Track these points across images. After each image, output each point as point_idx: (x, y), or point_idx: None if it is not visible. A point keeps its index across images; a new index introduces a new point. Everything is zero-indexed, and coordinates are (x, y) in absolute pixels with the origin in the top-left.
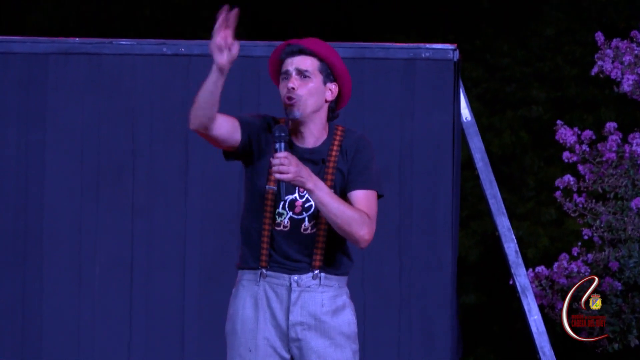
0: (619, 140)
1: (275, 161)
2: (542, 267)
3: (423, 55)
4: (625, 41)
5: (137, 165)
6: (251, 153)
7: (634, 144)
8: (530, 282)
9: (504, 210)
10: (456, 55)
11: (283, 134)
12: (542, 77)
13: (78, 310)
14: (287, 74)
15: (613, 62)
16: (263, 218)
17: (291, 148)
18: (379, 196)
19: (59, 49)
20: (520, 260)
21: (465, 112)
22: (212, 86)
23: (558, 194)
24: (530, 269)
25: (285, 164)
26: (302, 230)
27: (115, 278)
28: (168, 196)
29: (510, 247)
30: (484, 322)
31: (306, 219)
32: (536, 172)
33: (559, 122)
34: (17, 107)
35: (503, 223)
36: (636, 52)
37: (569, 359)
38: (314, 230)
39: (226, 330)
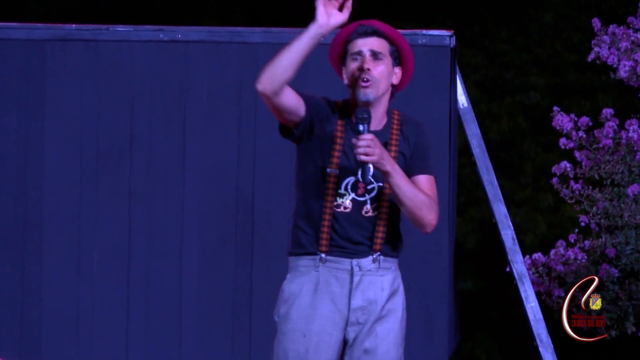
0: (616, 127)
1: (361, 143)
2: (539, 254)
3: (419, 41)
4: (622, 27)
5: (135, 152)
6: (311, 132)
7: (631, 130)
8: (527, 269)
9: (501, 197)
10: (452, 42)
11: (366, 116)
12: (541, 64)
13: (77, 297)
14: (360, 55)
15: (610, 48)
16: (324, 200)
17: (353, 131)
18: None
19: (56, 36)
20: (517, 247)
21: (462, 99)
22: (300, 49)
23: (555, 180)
24: (527, 256)
25: (371, 146)
26: (363, 212)
27: (113, 265)
28: (166, 183)
29: (507, 234)
30: (482, 308)
31: (368, 201)
32: (534, 158)
33: (555, 108)
34: (15, 94)
35: (500, 210)
36: (633, 38)
37: (566, 346)
38: (375, 213)
39: (279, 313)
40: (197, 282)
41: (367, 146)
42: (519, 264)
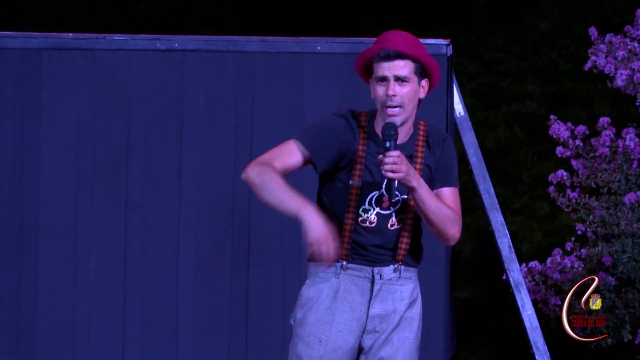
0: (613, 135)
1: (388, 160)
2: (536, 262)
3: None
4: (619, 36)
5: (131, 160)
6: (337, 162)
7: (627, 139)
8: (524, 277)
9: (497, 206)
10: (449, 50)
11: (393, 132)
12: (537, 72)
13: (73, 305)
14: (385, 80)
15: (607, 57)
16: (347, 213)
17: (376, 145)
18: None
19: (52, 45)
20: (513, 256)
21: (459, 107)
22: (280, 209)
23: (551, 189)
24: (524, 264)
25: (398, 163)
26: (389, 226)
27: (109, 273)
28: (162, 191)
29: (504, 242)
30: (479, 316)
31: (393, 214)
32: (530, 167)
33: (552, 117)
34: (12, 102)
35: (496, 218)
36: (629, 47)
37: (562, 354)
38: (400, 225)
39: (296, 318)
40: (193, 289)
41: (394, 163)
42: (515, 272)
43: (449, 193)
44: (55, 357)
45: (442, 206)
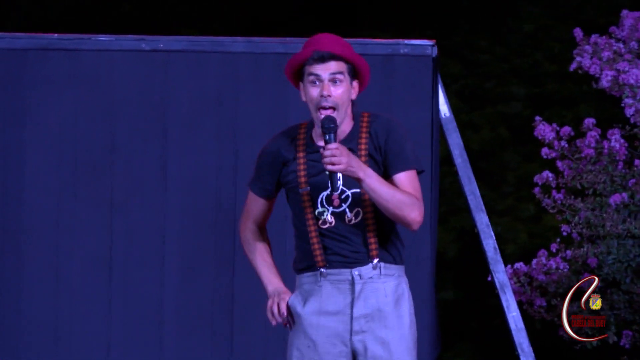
0: (598, 137)
1: (326, 152)
2: (521, 263)
3: (401, 51)
4: (604, 37)
5: (115, 161)
6: (282, 179)
7: (613, 140)
8: (509, 279)
9: (483, 207)
10: (434, 51)
11: (332, 125)
12: (521, 74)
13: (56, 307)
14: (319, 79)
15: (592, 58)
16: (307, 220)
17: (313, 148)
18: (419, 172)
19: (37, 45)
20: (498, 257)
21: (444, 108)
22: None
23: (537, 190)
24: (509, 266)
25: (337, 155)
26: (346, 222)
27: (93, 275)
28: (146, 192)
29: (489, 243)
30: (463, 317)
31: (347, 210)
32: (515, 168)
33: (537, 118)
34: None
35: (482, 219)
36: (615, 47)
37: (547, 356)
38: (359, 219)
39: (290, 326)
40: (178, 290)
41: (333, 155)
42: (500, 274)
43: (404, 177)
44: (38, 358)
45: (396, 192)
